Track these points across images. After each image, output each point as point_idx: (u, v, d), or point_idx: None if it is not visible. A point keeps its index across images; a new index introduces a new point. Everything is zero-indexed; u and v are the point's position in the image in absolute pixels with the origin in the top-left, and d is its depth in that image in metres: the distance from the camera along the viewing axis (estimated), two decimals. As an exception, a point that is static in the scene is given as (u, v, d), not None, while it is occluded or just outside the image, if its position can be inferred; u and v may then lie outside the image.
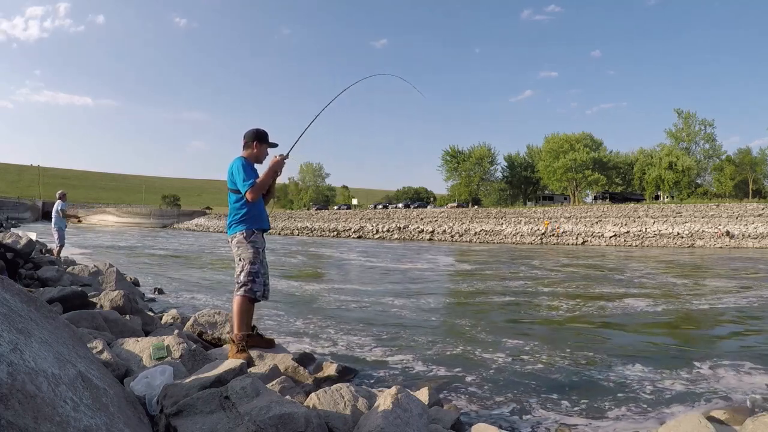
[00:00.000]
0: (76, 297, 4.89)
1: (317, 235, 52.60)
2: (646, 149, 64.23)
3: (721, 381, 4.73)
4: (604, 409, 3.98)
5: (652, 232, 39.19)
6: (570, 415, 3.87)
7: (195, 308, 7.42)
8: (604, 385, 4.60)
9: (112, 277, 7.87)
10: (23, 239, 8.14)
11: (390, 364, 5.18)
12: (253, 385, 2.57)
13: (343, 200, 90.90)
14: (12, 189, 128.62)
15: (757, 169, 61.24)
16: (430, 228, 48.77)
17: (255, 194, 3.86)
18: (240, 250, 3.90)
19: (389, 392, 2.74)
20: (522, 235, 43.34)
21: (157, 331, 4.78)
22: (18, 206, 78.57)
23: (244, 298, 3.86)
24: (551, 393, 4.35)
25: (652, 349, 5.97)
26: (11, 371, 1.49)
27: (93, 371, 2.17)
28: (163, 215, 77.11)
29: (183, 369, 3.28)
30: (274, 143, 4.18)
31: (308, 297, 9.85)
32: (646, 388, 4.48)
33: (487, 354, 5.60)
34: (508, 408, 4.01)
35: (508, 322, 7.71)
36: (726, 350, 6.04)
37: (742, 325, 7.70)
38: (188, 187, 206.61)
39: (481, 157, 71.34)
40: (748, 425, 2.78)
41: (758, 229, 35.98)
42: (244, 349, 3.78)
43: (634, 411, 3.96)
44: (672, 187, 57.82)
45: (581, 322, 7.74)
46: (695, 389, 4.49)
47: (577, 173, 62.50)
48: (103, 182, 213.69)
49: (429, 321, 7.56)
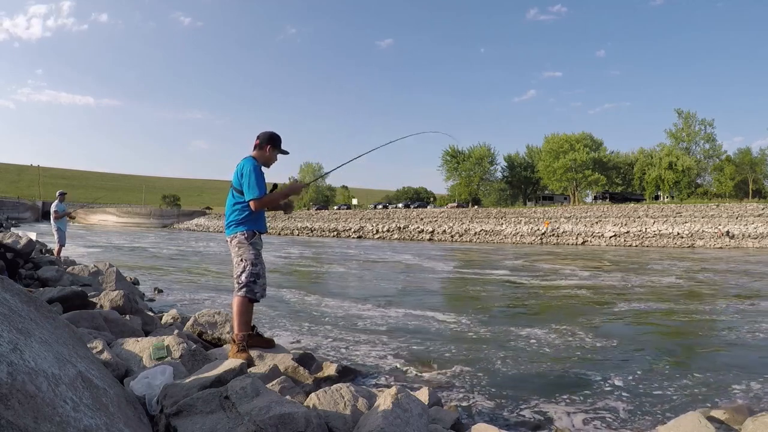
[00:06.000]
0: (76, 297, 4.89)
1: (317, 235, 52.58)
2: (646, 149, 64.26)
3: (721, 381, 4.74)
4: (604, 409, 3.98)
5: (652, 232, 39.18)
6: (570, 414, 3.87)
7: (195, 308, 7.42)
8: (604, 385, 4.60)
9: (112, 277, 7.86)
10: (23, 239, 8.13)
11: (390, 364, 5.18)
12: (253, 385, 2.57)
13: (343, 200, 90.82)
14: (12, 189, 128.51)
15: (757, 169, 61.18)
16: (430, 228, 48.76)
17: (259, 207, 3.87)
18: (241, 250, 3.90)
19: (389, 392, 2.73)
20: (522, 235, 43.33)
21: (157, 331, 4.78)
22: (18, 206, 78.51)
23: (245, 298, 3.86)
24: (551, 393, 4.35)
25: (652, 350, 5.96)
26: (11, 371, 1.49)
27: (93, 371, 2.17)
28: (163, 215, 77.03)
29: (183, 369, 3.28)
30: (286, 151, 4.19)
31: (308, 297, 9.85)
32: (646, 388, 4.48)
33: (487, 354, 5.61)
34: (508, 408, 4.01)
35: (507, 322, 7.71)
36: (726, 350, 6.05)
37: (743, 326, 7.69)
38: (188, 187, 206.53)
39: (481, 157, 71.28)
40: (748, 425, 2.78)
41: (758, 229, 35.95)
42: (244, 349, 3.79)
43: (635, 411, 3.96)
44: (672, 187, 57.79)
45: (581, 322, 7.74)
46: (695, 389, 4.49)
47: (577, 173, 62.46)
48: (103, 182, 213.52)
49: (429, 321, 7.56)
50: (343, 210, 67.72)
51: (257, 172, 3.88)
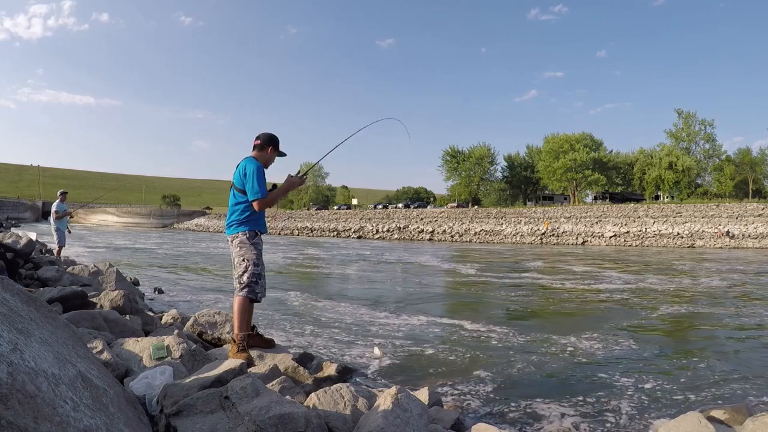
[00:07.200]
0: (76, 297, 4.89)
1: (317, 235, 52.58)
2: (646, 149, 64.22)
3: (721, 381, 4.74)
4: (604, 409, 3.98)
5: (652, 232, 39.18)
6: (570, 415, 3.87)
7: (195, 308, 7.42)
8: (605, 385, 4.60)
9: (112, 277, 7.86)
10: (23, 239, 8.13)
11: (390, 364, 5.18)
12: (253, 385, 2.57)
13: (343, 200, 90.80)
14: (12, 189, 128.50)
15: (757, 169, 61.18)
16: (430, 228, 48.76)
17: (262, 207, 3.91)
18: (243, 250, 3.90)
19: (389, 392, 2.73)
20: (522, 235, 43.33)
21: (157, 331, 4.78)
22: (18, 206, 78.53)
23: (246, 298, 3.86)
24: (552, 393, 4.35)
25: (652, 350, 5.96)
26: (11, 371, 1.49)
27: (93, 371, 2.17)
28: (163, 215, 77.03)
29: (183, 369, 3.28)
30: (284, 153, 4.24)
31: (308, 297, 9.85)
32: (647, 388, 4.48)
33: (487, 353, 5.60)
34: (508, 408, 4.01)
35: (507, 321, 7.70)
36: (727, 350, 6.05)
37: (745, 325, 7.69)
38: (188, 187, 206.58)
39: (481, 157, 71.27)
40: (748, 425, 2.78)
41: (758, 229, 35.95)
42: (244, 349, 3.79)
43: (635, 411, 3.96)
44: (672, 187, 57.78)
45: (581, 322, 7.74)
46: (695, 389, 4.49)
47: (577, 173, 62.46)
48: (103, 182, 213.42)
49: (429, 321, 7.56)
50: (343, 210, 67.70)
51: (260, 173, 3.90)
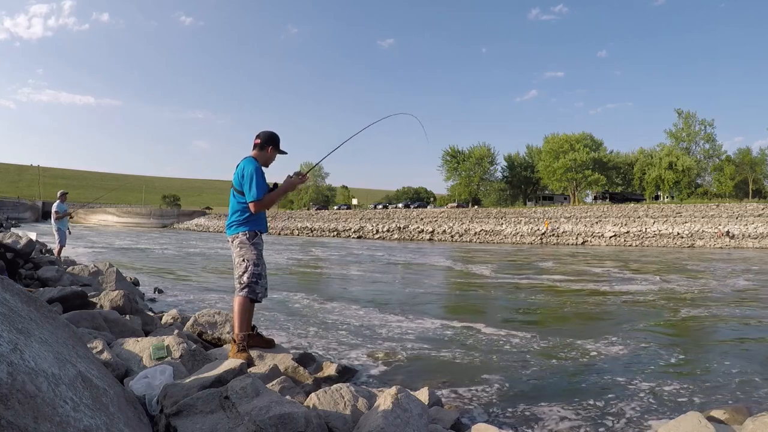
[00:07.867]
0: (76, 297, 4.89)
1: (317, 235, 52.58)
2: (646, 149, 64.24)
3: (721, 381, 4.73)
4: (604, 410, 3.98)
5: (652, 232, 39.19)
6: (570, 415, 3.87)
7: (195, 308, 7.42)
8: (604, 385, 4.60)
9: (112, 277, 7.86)
10: (23, 239, 8.13)
11: (390, 364, 5.18)
12: (253, 385, 2.57)
13: (343, 200, 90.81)
14: (12, 189, 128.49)
15: (757, 169, 61.21)
16: (430, 228, 48.76)
17: (259, 209, 3.88)
18: (243, 251, 3.89)
19: (389, 392, 2.73)
20: (522, 235, 43.33)
21: (157, 331, 4.78)
22: (18, 206, 78.52)
23: (246, 298, 3.86)
24: (551, 393, 4.35)
25: (652, 350, 5.96)
26: (11, 371, 1.49)
27: (93, 371, 2.17)
28: (163, 215, 77.01)
29: (183, 369, 3.28)
30: (284, 151, 4.20)
31: (307, 297, 9.85)
32: (646, 389, 4.48)
33: (487, 354, 5.60)
34: (508, 408, 4.01)
35: (507, 321, 7.70)
36: (727, 350, 6.04)
37: (746, 326, 7.69)
38: (188, 187, 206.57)
39: (481, 157, 71.29)
40: (748, 425, 2.78)
41: (758, 229, 35.96)
42: (244, 349, 3.79)
43: (634, 411, 3.95)
44: (672, 187, 57.80)
45: (581, 323, 7.74)
46: (695, 389, 4.49)
47: (577, 173, 62.47)
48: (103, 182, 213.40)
49: (429, 321, 7.56)
50: (343, 210, 67.73)
51: (258, 174, 3.87)
